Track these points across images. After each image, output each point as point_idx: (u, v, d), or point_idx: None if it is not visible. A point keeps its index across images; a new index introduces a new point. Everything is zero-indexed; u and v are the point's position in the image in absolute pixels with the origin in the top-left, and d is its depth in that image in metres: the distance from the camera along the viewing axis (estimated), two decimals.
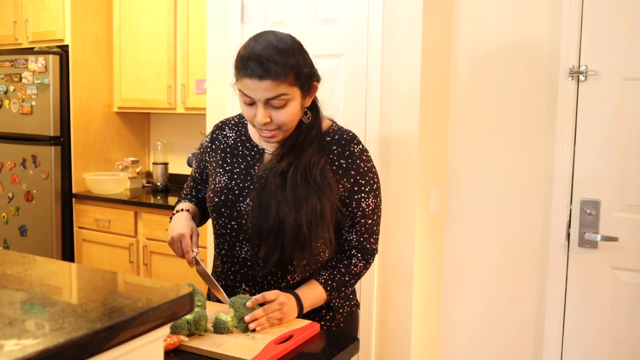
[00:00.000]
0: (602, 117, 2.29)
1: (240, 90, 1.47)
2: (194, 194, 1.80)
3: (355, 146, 1.58)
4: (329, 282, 1.57)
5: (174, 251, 1.57)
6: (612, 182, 2.29)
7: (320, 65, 2.43)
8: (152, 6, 3.75)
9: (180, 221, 1.60)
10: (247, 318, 1.41)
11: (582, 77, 2.30)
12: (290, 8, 2.50)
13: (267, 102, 1.44)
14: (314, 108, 1.58)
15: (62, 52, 3.77)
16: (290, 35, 1.50)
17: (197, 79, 3.60)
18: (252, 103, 1.47)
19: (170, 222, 1.65)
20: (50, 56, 3.72)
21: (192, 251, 1.54)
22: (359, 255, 1.61)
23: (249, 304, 1.43)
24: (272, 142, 1.55)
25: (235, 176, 1.60)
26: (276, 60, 1.41)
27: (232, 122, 1.71)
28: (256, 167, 1.59)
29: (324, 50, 2.43)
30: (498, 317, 2.57)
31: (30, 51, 3.82)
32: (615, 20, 2.24)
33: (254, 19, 2.57)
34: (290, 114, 1.47)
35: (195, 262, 1.54)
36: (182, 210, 1.66)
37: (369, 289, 2.40)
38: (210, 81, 2.75)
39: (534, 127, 2.44)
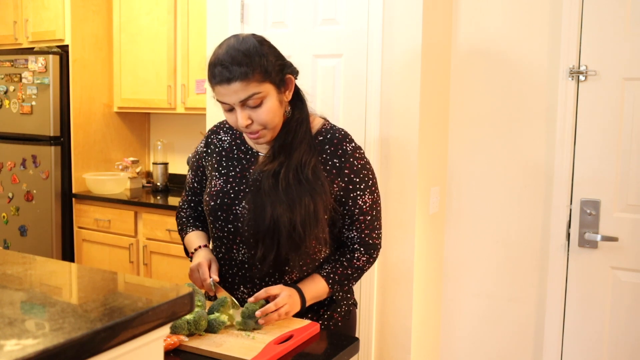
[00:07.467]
0: (602, 117, 2.29)
1: (217, 100, 1.49)
2: (192, 207, 1.79)
3: (348, 144, 1.58)
4: (332, 275, 1.58)
5: (193, 282, 1.59)
6: (612, 182, 2.29)
7: (320, 65, 2.46)
8: (152, 6, 3.75)
9: (200, 254, 1.63)
10: (258, 313, 1.42)
11: (582, 77, 2.30)
12: (290, 8, 2.50)
13: (243, 104, 1.45)
14: (297, 102, 1.58)
15: (62, 52, 3.77)
16: (252, 35, 1.51)
17: (197, 79, 3.60)
18: (231, 109, 1.48)
19: (190, 260, 1.66)
20: (50, 56, 3.71)
21: (210, 277, 1.54)
22: (362, 249, 1.62)
23: (258, 313, 1.43)
24: (262, 142, 1.55)
25: (231, 179, 1.60)
26: (239, 61, 1.42)
27: (227, 125, 1.70)
28: (251, 170, 1.59)
29: (324, 50, 2.43)
30: (498, 317, 2.57)
31: (30, 51, 3.82)
32: (615, 21, 2.24)
33: (254, 19, 2.57)
34: (269, 111, 1.47)
35: (214, 288, 1.54)
36: (200, 247, 1.66)
37: (368, 288, 2.40)
38: None
39: (534, 127, 2.44)
